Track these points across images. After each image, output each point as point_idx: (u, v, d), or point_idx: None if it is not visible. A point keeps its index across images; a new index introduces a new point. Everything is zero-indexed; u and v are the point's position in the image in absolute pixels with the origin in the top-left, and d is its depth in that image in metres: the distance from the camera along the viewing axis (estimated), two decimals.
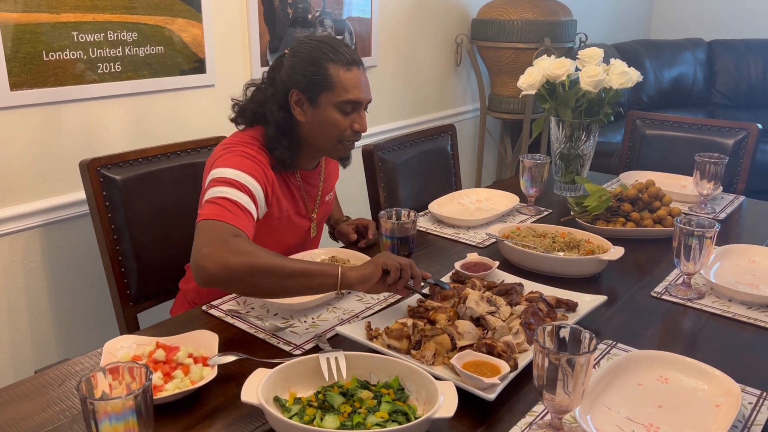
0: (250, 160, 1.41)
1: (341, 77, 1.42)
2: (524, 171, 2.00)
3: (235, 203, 1.32)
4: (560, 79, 2.10)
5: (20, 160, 1.83)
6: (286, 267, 1.21)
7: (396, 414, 0.98)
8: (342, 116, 1.45)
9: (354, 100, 1.43)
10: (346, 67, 1.42)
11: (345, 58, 1.42)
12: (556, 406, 0.95)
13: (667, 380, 1.12)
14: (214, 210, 1.29)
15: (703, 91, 4.68)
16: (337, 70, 1.42)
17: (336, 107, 1.43)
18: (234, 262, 1.19)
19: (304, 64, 1.43)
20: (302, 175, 1.57)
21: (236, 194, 1.33)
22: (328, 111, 1.44)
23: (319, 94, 1.43)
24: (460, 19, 3.39)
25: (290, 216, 1.55)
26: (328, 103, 1.43)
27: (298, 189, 1.56)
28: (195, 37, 2.15)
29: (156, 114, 2.11)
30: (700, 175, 1.98)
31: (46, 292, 1.95)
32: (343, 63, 1.42)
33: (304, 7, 2.53)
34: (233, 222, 1.28)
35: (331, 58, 1.42)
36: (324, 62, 1.41)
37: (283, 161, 1.46)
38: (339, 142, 1.48)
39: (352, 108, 1.45)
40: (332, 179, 1.73)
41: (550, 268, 1.55)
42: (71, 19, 1.83)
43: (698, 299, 1.44)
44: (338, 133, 1.46)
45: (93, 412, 0.80)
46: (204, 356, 1.14)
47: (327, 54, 1.42)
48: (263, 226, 1.47)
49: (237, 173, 1.37)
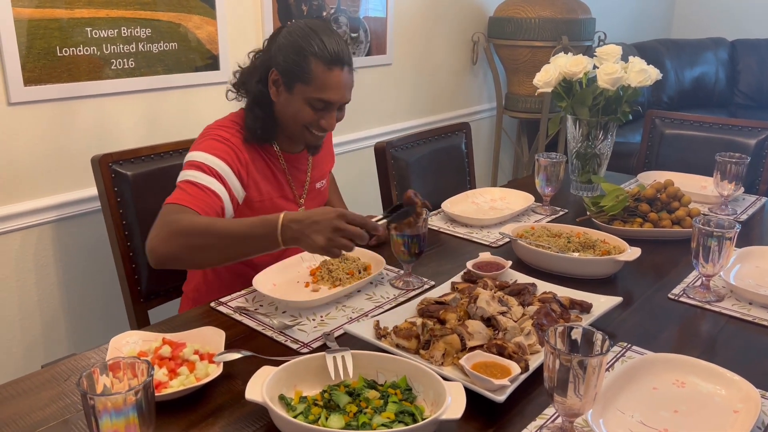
0: (221, 143, 1.44)
1: (319, 75, 1.42)
2: (540, 170, 1.96)
3: (196, 185, 1.36)
4: (577, 77, 2.06)
5: (33, 156, 1.83)
6: (226, 235, 1.25)
7: (403, 414, 0.96)
8: (312, 110, 1.46)
9: (326, 100, 1.44)
10: (327, 66, 1.42)
11: (329, 56, 1.41)
12: (567, 409, 0.92)
13: (683, 384, 1.08)
14: (176, 194, 1.35)
15: (725, 91, 4.60)
16: (318, 66, 1.41)
17: (307, 101, 1.45)
18: (175, 244, 1.26)
19: (289, 50, 1.43)
20: (287, 158, 1.58)
21: (201, 176, 1.38)
22: (300, 102, 1.45)
23: (295, 83, 1.44)
24: (476, 17, 3.36)
25: (273, 199, 1.55)
26: (301, 94, 1.44)
27: (282, 172, 1.57)
28: (209, 33, 2.15)
29: (169, 110, 2.11)
30: (721, 176, 1.93)
31: (57, 288, 1.95)
32: (325, 61, 1.41)
33: (319, 4, 2.51)
34: (190, 204, 1.33)
35: (315, 52, 1.41)
36: (307, 55, 1.41)
37: (253, 131, 1.48)
38: (306, 129, 1.49)
39: (323, 106, 1.46)
40: (324, 166, 1.72)
41: (565, 268, 1.52)
42: (85, 15, 1.83)
43: (717, 302, 1.40)
44: (304, 123, 1.48)
45: (93, 408, 0.79)
46: (210, 353, 1.13)
47: (313, 47, 1.41)
48: (246, 210, 1.49)
49: (205, 156, 1.41)
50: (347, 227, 1.18)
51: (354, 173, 2.80)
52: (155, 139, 2.04)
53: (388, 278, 1.51)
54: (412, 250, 1.44)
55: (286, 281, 1.47)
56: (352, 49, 2.70)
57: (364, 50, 2.76)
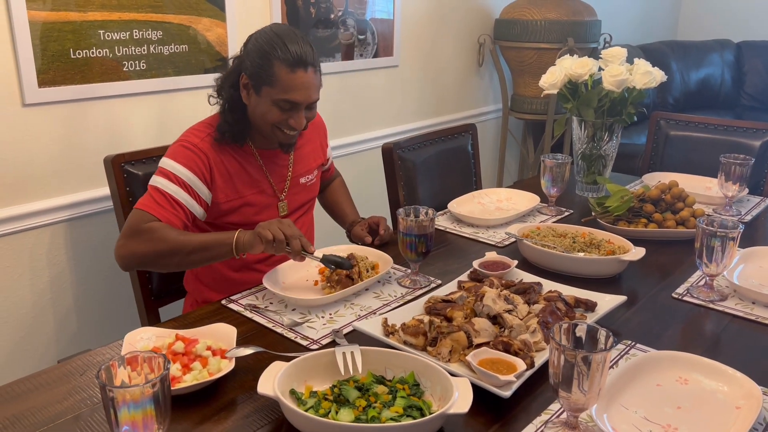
0: (190, 150, 1.51)
1: (283, 77, 1.47)
2: (545, 171, 1.98)
3: (164, 194, 1.47)
4: (582, 79, 2.08)
5: (46, 156, 1.87)
6: (187, 245, 1.42)
7: (411, 409, 0.98)
8: (279, 111, 1.50)
9: (291, 100, 1.49)
10: (290, 69, 1.46)
11: (291, 58, 1.46)
12: (572, 404, 0.94)
13: (686, 381, 1.10)
14: (146, 201, 1.47)
15: (731, 93, 4.60)
16: (281, 69, 1.46)
17: (274, 103, 1.50)
18: (141, 251, 1.43)
19: (255, 55, 1.49)
20: (264, 154, 1.63)
21: (168, 185, 1.47)
22: (267, 104, 1.50)
23: (261, 86, 1.49)
24: (482, 20, 3.39)
25: (249, 196, 1.60)
26: (268, 96, 1.49)
27: (258, 169, 1.62)
28: (219, 36, 2.18)
29: (179, 111, 2.13)
30: (725, 177, 1.95)
31: (70, 285, 1.99)
32: (287, 63, 1.46)
33: (327, 7, 2.54)
34: (157, 213, 1.44)
35: (278, 56, 1.46)
36: (271, 58, 1.47)
37: (224, 134, 1.54)
38: (276, 128, 1.54)
39: (290, 106, 1.50)
40: (310, 162, 1.75)
41: (570, 268, 1.54)
42: (98, 18, 1.86)
43: (720, 301, 1.42)
44: (273, 123, 1.53)
45: (112, 400, 0.82)
46: (222, 349, 1.16)
47: (276, 50, 1.46)
48: (216, 210, 1.56)
49: (174, 165, 1.49)
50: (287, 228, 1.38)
51: (361, 174, 2.82)
52: (166, 139, 2.07)
53: (396, 277, 1.53)
54: (419, 250, 1.47)
55: (295, 280, 1.49)
56: (359, 51, 2.72)
57: (371, 52, 2.78)
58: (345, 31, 2.64)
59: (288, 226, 1.38)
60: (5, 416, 1.03)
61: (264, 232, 1.36)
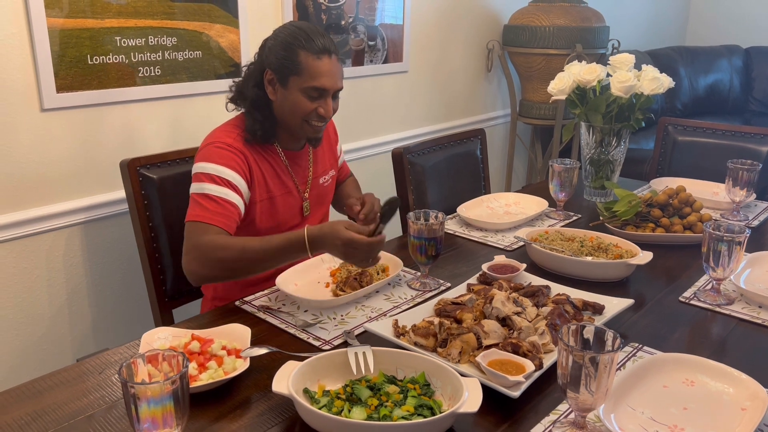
0: (226, 150, 1.52)
1: (310, 64, 1.50)
2: (554, 176, 2.00)
3: (213, 198, 1.46)
4: (591, 85, 2.11)
5: (64, 159, 1.90)
6: (257, 254, 1.39)
7: (422, 408, 1.00)
8: (308, 100, 1.53)
9: (319, 87, 1.51)
10: (316, 56, 1.50)
11: (316, 46, 1.50)
12: (580, 404, 0.96)
13: (692, 383, 1.12)
14: (196, 211, 1.45)
15: (739, 98, 4.60)
16: (307, 57, 1.50)
17: (302, 92, 1.52)
18: (208, 272, 1.42)
19: (278, 48, 1.52)
20: (288, 155, 1.65)
21: (214, 188, 1.47)
22: (296, 94, 1.52)
23: (288, 77, 1.52)
24: (491, 26, 3.41)
25: (278, 197, 1.63)
26: (296, 86, 1.52)
27: (284, 170, 1.64)
28: (232, 42, 2.21)
29: (193, 116, 2.17)
30: (733, 182, 1.97)
31: (86, 286, 2.02)
32: (313, 51, 1.50)
33: (338, 14, 2.57)
34: (213, 221, 1.44)
35: (303, 45, 1.50)
36: (296, 48, 1.50)
37: (254, 133, 1.56)
38: (305, 122, 1.56)
39: (318, 94, 1.53)
40: (326, 163, 1.78)
41: (578, 271, 1.56)
42: (114, 25, 1.90)
43: (727, 305, 1.44)
44: (303, 115, 1.54)
45: (134, 396, 0.85)
46: (237, 348, 1.18)
47: (300, 40, 1.50)
48: (252, 208, 1.58)
49: (214, 167, 1.49)
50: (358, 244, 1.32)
51: (371, 178, 2.85)
52: (180, 143, 2.11)
53: (406, 280, 1.56)
54: (428, 253, 1.49)
55: (307, 282, 1.52)
56: (369, 57, 2.75)
57: (381, 58, 2.81)
58: (355, 37, 2.67)
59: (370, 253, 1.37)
60: (26, 412, 1.06)
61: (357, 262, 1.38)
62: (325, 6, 2.52)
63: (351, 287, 1.45)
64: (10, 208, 1.83)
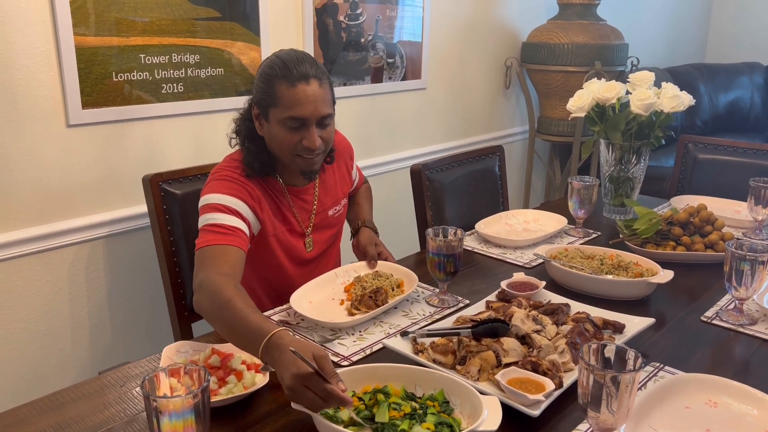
0: (234, 182, 1.49)
1: (284, 93, 1.44)
2: (573, 193, 2.00)
3: (221, 226, 1.41)
4: (610, 102, 2.10)
5: (88, 174, 1.94)
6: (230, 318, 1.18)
7: (441, 426, 1.00)
8: (289, 132, 1.47)
9: (296, 116, 1.45)
10: (291, 84, 1.44)
11: (292, 75, 1.44)
12: (601, 424, 0.95)
13: (716, 404, 1.10)
14: (203, 238, 1.40)
15: (760, 116, 4.56)
16: (281, 86, 1.44)
17: (281, 123, 1.47)
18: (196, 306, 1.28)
19: (258, 81, 1.50)
20: (291, 191, 1.61)
21: (221, 217, 1.43)
22: (276, 127, 1.48)
23: (268, 110, 1.48)
24: (509, 43, 3.43)
25: (280, 234, 1.59)
26: (275, 118, 1.47)
27: (287, 206, 1.60)
28: (253, 59, 2.25)
29: (214, 132, 2.20)
30: (755, 201, 1.95)
31: (107, 300, 2.04)
32: (288, 80, 1.44)
33: (357, 32, 2.60)
34: (223, 242, 1.38)
35: (278, 75, 1.45)
36: (272, 79, 1.46)
37: (251, 166, 1.52)
38: (296, 156, 1.51)
39: (299, 124, 1.46)
40: (338, 193, 1.72)
41: (598, 289, 1.55)
42: (139, 42, 1.94)
43: (750, 325, 1.42)
44: (289, 148, 1.49)
45: (156, 409, 0.85)
46: (256, 363, 1.19)
47: (276, 70, 1.46)
48: (260, 242, 1.54)
49: (222, 197, 1.46)
50: (313, 385, 1.00)
51: (390, 194, 2.86)
52: (202, 159, 2.13)
53: (424, 296, 1.56)
54: (447, 269, 1.49)
55: (321, 299, 1.52)
56: (388, 74, 2.77)
57: (399, 75, 2.83)
58: (374, 54, 2.70)
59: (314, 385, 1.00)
60: (50, 424, 1.07)
61: (299, 401, 1.02)
62: (345, 24, 2.55)
63: (366, 306, 1.44)
64: (35, 221, 1.86)
